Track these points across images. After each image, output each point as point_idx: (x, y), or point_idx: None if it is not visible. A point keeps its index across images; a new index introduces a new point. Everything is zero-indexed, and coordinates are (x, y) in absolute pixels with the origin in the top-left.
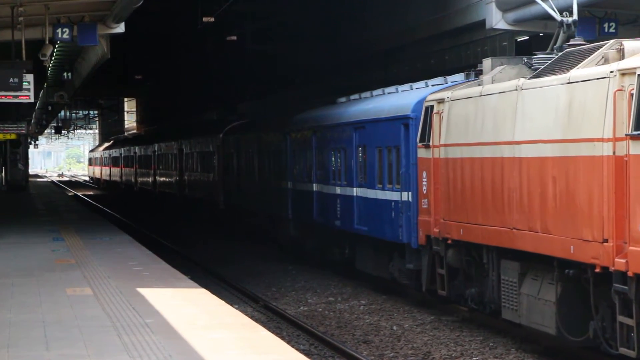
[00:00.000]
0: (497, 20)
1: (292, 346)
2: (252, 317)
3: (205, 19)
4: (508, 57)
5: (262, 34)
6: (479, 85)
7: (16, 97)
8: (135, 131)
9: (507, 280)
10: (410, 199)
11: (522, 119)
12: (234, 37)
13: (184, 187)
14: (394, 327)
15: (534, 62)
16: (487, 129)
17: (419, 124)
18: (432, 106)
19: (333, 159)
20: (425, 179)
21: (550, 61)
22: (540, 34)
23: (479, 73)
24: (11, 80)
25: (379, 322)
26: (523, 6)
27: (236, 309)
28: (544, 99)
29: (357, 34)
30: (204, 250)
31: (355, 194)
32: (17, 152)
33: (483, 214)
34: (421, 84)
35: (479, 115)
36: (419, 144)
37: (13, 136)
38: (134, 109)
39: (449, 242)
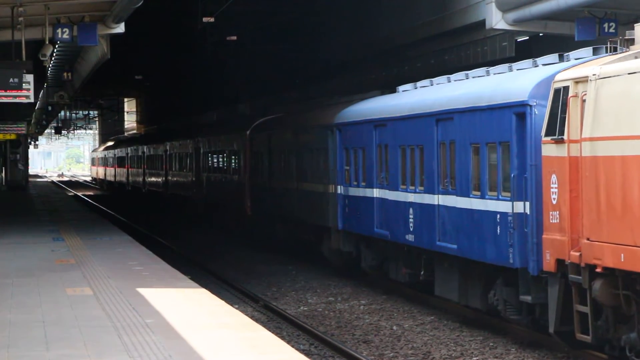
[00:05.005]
0: (497, 20)
1: (292, 346)
2: (252, 317)
3: (205, 19)
4: None
5: (262, 34)
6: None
7: (16, 97)
8: (135, 131)
9: None
10: (527, 211)
11: None
12: (234, 37)
13: (202, 190)
14: (394, 327)
15: None
16: None
17: (541, 112)
18: (566, 88)
19: (403, 159)
20: (555, 185)
21: None
22: (540, 34)
23: (626, 43)
24: (11, 80)
25: (379, 322)
26: (523, 6)
27: (236, 309)
28: None
29: (356, 34)
30: (204, 251)
31: (437, 203)
32: (17, 152)
33: None
34: (526, 62)
35: None
36: (546, 139)
37: (13, 136)
38: (134, 109)
39: (598, 270)
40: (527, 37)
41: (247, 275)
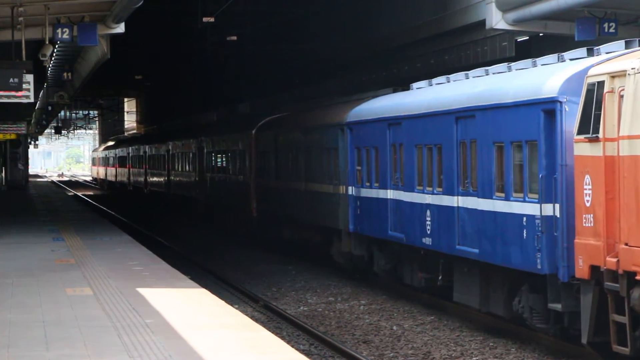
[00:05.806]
0: (497, 20)
1: (292, 346)
2: (252, 317)
3: (205, 19)
4: None
5: (262, 34)
6: None
7: (16, 97)
8: (135, 131)
9: None
10: (557, 214)
11: None
12: (234, 37)
13: (205, 190)
14: (394, 327)
15: None
16: None
17: (572, 109)
18: (601, 82)
19: (420, 158)
20: (588, 186)
21: None
22: (540, 34)
23: None
24: (11, 80)
25: (379, 322)
26: (523, 6)
27: (236, 309)
28: None
29: (356, 34)
30: (204, 251)
31: (457, 205)
32: (17, 152)
33: None
34: (551, 57)
35: None
36: (579, 137)
37: (13, 136)
38: (134, 109)
39: (638, 277)
40: (527, 37)
41: (247, 275)
